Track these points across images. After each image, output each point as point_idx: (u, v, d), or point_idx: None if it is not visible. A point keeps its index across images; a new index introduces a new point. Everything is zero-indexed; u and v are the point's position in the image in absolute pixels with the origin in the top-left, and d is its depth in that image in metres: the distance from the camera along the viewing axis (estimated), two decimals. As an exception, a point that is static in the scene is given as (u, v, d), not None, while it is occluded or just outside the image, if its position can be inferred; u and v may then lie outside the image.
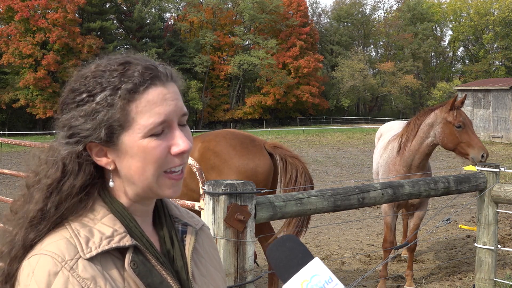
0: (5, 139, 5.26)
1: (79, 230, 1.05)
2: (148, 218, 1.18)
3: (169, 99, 1.08)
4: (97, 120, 1.05)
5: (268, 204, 3.03)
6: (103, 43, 54.76)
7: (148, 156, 1.06)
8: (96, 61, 1.11)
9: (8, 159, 21.93)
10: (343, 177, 15.43)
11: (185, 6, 65.88)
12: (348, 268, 6.60)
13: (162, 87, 1.08)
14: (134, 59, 1.09)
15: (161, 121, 1.06)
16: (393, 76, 69.42)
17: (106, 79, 1.06)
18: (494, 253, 4.55)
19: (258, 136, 4.97)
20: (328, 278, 1.00)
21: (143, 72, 1.07)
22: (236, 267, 2.85)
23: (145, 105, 1.05)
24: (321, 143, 30.71)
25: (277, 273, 1.05)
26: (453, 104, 5.42)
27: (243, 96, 66.62)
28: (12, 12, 50.14)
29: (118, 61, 1.09)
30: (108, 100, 1.05)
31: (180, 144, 1.07)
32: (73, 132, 1.07)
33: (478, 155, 5.25)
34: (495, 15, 67.24)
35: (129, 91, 1.05)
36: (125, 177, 1.10)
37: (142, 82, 1.06)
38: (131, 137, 1.06)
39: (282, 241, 1.07)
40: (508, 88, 29.22)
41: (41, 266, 1.00)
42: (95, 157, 1.09)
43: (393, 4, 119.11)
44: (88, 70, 1.09)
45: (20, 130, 47.15)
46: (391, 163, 5.76)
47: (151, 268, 1.08)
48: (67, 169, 1.08)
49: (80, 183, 1.08)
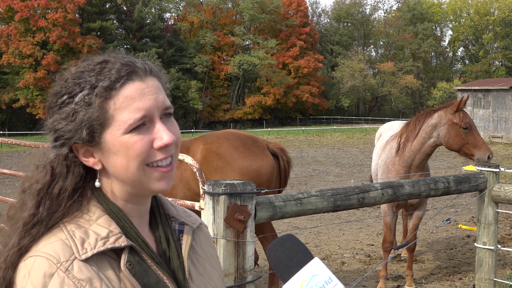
0: (5, 139, 5.26)
1: (75, 232, 1.06)
2: (145, 218, 1.18)
3: (148, 94, 1.07)
4: (77, 121, 1.05)
5: (268, 204, 3.03)
6: (103, 43, 54.77)
7: (131, 152, 1.06)
8: (77, 64, 1.12)
9: (8, 159, 21.93)
10: (343, 177, 15.43)
11: (185, 6, 65.91)
12: (348, 268, 6.60)
13: (140, 81, 1.07)
14: (112, 58, 1.10)
15: (140, 116, 1.05)
16: (393, 76, 69.41)
17: (84, 79, 1.07)
18: (494, 253, 4.55)
19: (258, 136, 4.95)
20: (328, 278, 1.00)
21: (120, 68, 1.07)
22: (236, 267, 2.85)
23: (123, 101, 1.05)
24: (321, 143, 30.71)
25: (277, 273, 1.05)
26: (459, 106, 5.44)
27: (243, 96, 66.62)
28: (12, 12, 50.16)
29: (96, 61, 1.09)
30: (85, 99, 1.05)
31: (163, 138, 1.07)
32: (58, 135, 1.08)
33: (484, 156, 5.28)
34: (495, 15, 67.24)
35: (105, 88, 1.05)
36: (112, 176, 1.10)
37: (119, 78, 1.06)
38: (112, 134, 1.06)
39: (282, 240, 1.07)
40: (508, 88, 29.22)
41: (36, 267, 1.00)
42: (82, 158, 1.09)
43: (393, 4, 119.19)
44: (68, 73, 1.10)
45: (20, 130, 47.14)
46: (390, 163, 5.76)
47: (147, 269, 1.08)
48: (56, 172, 1.09)
49: (70, 185, 1.08)
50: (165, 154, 1.09)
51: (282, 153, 4.80)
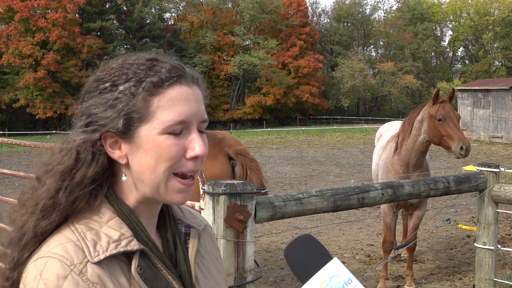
0: (5, 139, 5.25)
1: (86, 233, 1.03)
2: (154, 220, 1.16)
3: (192, 101, 1.07)
4: (117, 109, 1.04)
5: (268, 204, 3.03)
6: (103, 43, 54.79)
7: (163, 153, 1.04)
8: (125, 56, 1.11)
9: (8, 159, 21.93)
10: (343, 177, 15.43)
11: (185, 6, 65.92)
12: (348, 268, 6.56)
13: (187, 87, 1.07)
14: (162, 57, 1.10)
15: (180, 120, 1.04)
16: (393, 76, 69.40)
17: (133, 71, 1.06)
18: (494, 253, 4.55)
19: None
20: (348, 279, 0.99)
21: (170, 69, 1.06)
22: (236, 267, 2.85)
23: (167, 100, 1.04)
24: (321, 143, 30.70)
25: (295, 273, 1.03)
26: (435, 98, 5.43)
27: (243, 96, 66.62)
28: (12, 12, 50.16)
29: (146, 57, 1.09)
30: (131, 90, 1.04)
31: (196, 149, 1.05)
32: (91, 120, 1.06)
33: (457, 147, 5.18)
34: (495, 15, 67.24)
35: (154, 84, 1.04)
36: (135, 174, 1.07)
37: (168, 78, 1.05)
38: (148, 131, 1.04)
39: (300, 241, 1.06)
40: (508, 88, 29.20)
41: (49, 269, 0.98)
42: (109, 149, 1.07)
43: (393, 4, 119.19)
44: (115, 63, 1.09)
45: (20, 130, 47.14)
46: (390, 163, 5.77)
47: (157, 273, 1.07)
48: (81, 157, 1.06)
49: (92, 173, 1.06)
50: (194, 167, 1.07)
51: (241, 158, 4.59)
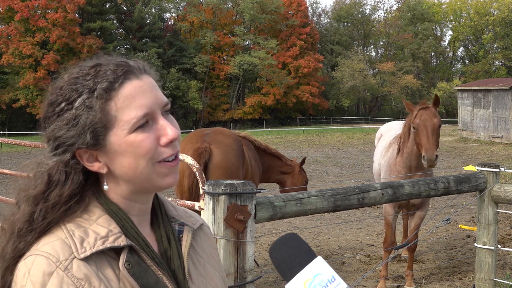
0: (5, 139, 5.26)
1: (74, 231, 1.06)
2: (146, 217, 1.18)
3: (147, 91, 1.08)
4: (80, 125, 1.05)
5: (268, 204, 3.03)
6: (103, 43, 54.76)
7: (139, 150, 1.05)
8: (68, 71, 1.12)
9: (8, 159, 21.93)
10: (343, 177, 15.43)
11: (185, 6, 65.90)
12: (348, 268, 6.60)
13: (137, 80, 1.08)
14: (104, 60, 1.10)
15: (143, 113, 1.05)
16: (393, 76, 69.40)
17: (81, 84, 1.06)
18: (494, 253, 4.55)
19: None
20: (331, 277, 0.99)
21: (115, 69, 1.07)
22: (236, 267, 2.85)
23: (123, 100, 1.05)
24: (321, 143, 30.70)
25: (279, 272, 1.04)
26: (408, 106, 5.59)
27: (243, 96, 66.60)
28: (12, 12, 50.14)
29: (89, 65, 1.09)
30: (86, 103, 1.04)
31: (168, 133, 1.07)
32: (59, 143, 1.07)
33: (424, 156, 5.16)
34: (495, 15, 67.24)
35: (105, 89, 1.05)
36: (120, 177, 1.09)
37: (116, 78, 1.06)
38: (117, 136, 1.05)
39: (285, 239, 1.06)
40: (508, 88, 29.19)
41: (36, 266, 1.01)
42: (86, 163, 1.09)
43: (393, 4, 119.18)
44: (62, 81, 1.10)
45: (20, 130, 47.12)
46: (392, 164, 5.81)
47: (147, 269, 1.08)
48: (53, 179, 1.08)
49: (68, 192, 1.08)
50: (172, 150, 1.09)
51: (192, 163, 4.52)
